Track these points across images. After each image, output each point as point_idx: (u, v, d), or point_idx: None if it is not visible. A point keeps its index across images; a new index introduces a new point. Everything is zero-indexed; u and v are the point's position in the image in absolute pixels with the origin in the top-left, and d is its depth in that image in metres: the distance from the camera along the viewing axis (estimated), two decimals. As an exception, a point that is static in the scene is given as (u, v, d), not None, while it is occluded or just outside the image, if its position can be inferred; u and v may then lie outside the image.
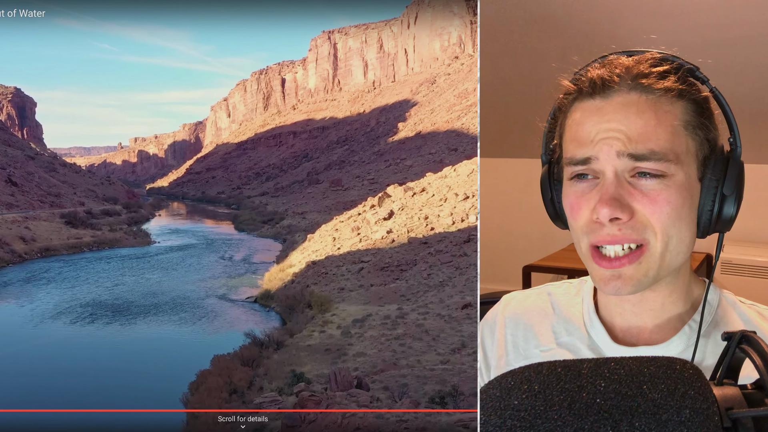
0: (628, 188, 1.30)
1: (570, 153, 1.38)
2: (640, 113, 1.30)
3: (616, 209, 1.28)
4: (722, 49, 5.33)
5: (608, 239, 1.33)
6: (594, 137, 1.32)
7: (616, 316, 1.50)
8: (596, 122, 1.33)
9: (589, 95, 1.36)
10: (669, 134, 1.30)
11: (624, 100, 1.32)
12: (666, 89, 1.31)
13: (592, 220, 1.34)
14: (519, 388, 0.89)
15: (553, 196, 1.54)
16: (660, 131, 1.29)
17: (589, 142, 1.33)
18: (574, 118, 1.39)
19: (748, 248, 6.95)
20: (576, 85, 1.41)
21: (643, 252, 1.32)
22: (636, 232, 1.31)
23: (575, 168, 1.36)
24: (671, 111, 1.31)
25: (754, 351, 0.93)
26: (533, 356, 1.59)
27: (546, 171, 1.55)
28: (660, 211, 1.29)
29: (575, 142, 1.37)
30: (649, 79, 1.31)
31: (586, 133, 1.34)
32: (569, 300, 1.64)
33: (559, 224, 1.58)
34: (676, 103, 1.32)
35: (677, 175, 1.30)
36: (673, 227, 1.31)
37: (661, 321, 1.45)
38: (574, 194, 1.38)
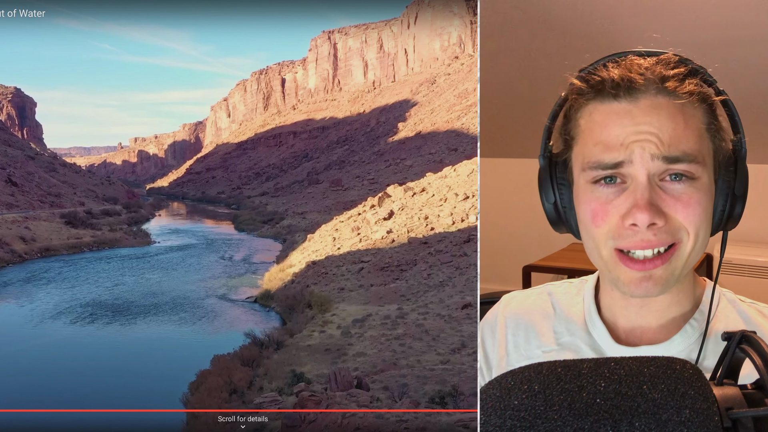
0: (660, 193, 1.30)
1: (594, 157, 1.34)
2: (671, 117, 1.30)
3: (654, 215, 1.28)
4: (722, 49, 5.33)
5: (642, 244, 1.32)
6: (624, 140, 1.30)
7: (620, 317, 1.50)
8: (625, 125, 1.31)
9: (613, 96, 1.33)
10: (696, 137, 1.32)
11: (653, 103, 1.31)
12: (690, 93, 1.32)
13: (623, 226, 1.32)
14: (519, 388, 0.89)
15: (557, 200, 1.49)
16: (689, 134, 1.31)
17: (619, 145, 1.31)
18: (595, 120, 1.35)
19: (748, 248, 6.95)
20: (589, 84, 1.37)
21: (673, 252, 1.33)
22: (670, 235, 1.31)
23: (602, 172, 1.33)
24: (696, 115, 1.33)
25: (754, 351, 0.93)
26: (535, 357, 1.58)
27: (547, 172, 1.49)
28: (693, 213, 1.31)
29: (600, 145, 1.33)
30: (674, 82, 1.32)
31: (614, 136, 1.31)
32: (570, 300, 1.63)
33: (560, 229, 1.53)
34: (698, 107, 1.34)
35: (703, 177, 1.32)
36: (702, 227, 1.33)
37: (665, 321, 1.45)
38: (598, 200, 1.35)
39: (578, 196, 1.41)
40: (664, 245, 1.31)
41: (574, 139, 1.41)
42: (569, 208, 1.48)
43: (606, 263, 1.38)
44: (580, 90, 1.39)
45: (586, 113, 1.38)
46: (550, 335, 1.60)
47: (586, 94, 1.38)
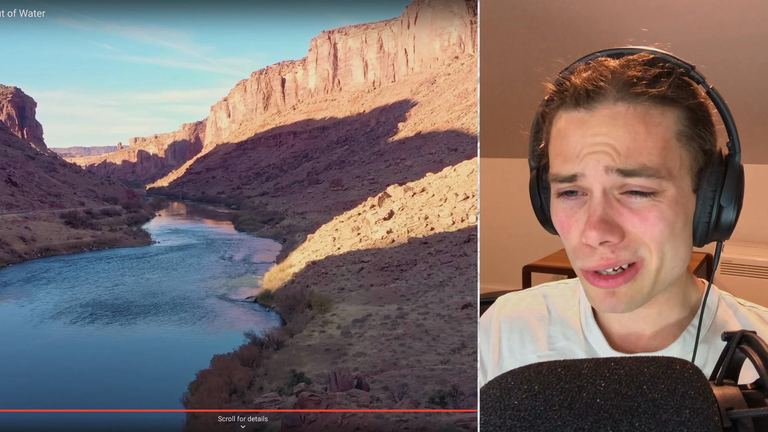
0: (618, 207, 1.21)
1: (555, 169, 1.29)
2: (628, 126, 1.19)
3: (605, 233, 1.20)
4: (722, 49, 5.33)
5: (602, 264, 1.25)
6: (579, 152, 1.23)
7: (614, 322, 1.48)
8: (581, 135, 1.23)
9: (573, 105, 1.26)
10: (660, 148, 1.20)
11: (610, 113, 1.21)
12: (657, 97, 1.20)
13: (582, 244, 1.27)
14: (519, 388, 0.89)
15: (542, 203, 1.48)
16: (650, 145, 1.19)
17: (574, 157, 1.23)
18: (558, 128, 1.30)
19: (748, 248, 6.95)
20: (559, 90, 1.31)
21: (637, 269, 1.25)
22: (629, 251, 1.23)
23: (561, 185, 1.28)
24: (662, 123, 1.21)
25: (754, 351, 0.93)
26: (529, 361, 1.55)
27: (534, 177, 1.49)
28: (652, 228, 1.21)
29: (560, 156, 1.28)
30: (639, 86, 1.20)
31: (571, 147, 1.24)
32: (565, 302, 1.61)
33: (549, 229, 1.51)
34: (668, 113, 1.21)
35: (669, 191, 1.21)
36: (667, 243, 1.24)
37: (660, 327, 1.42)
38: (563, 212, 1.30)
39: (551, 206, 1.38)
40: (624, 263, 1.24)
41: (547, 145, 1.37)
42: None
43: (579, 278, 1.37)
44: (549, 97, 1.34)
45: (555, 121, 1.32)
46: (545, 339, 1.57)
47: (554, 102, 1.33)
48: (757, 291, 6.78)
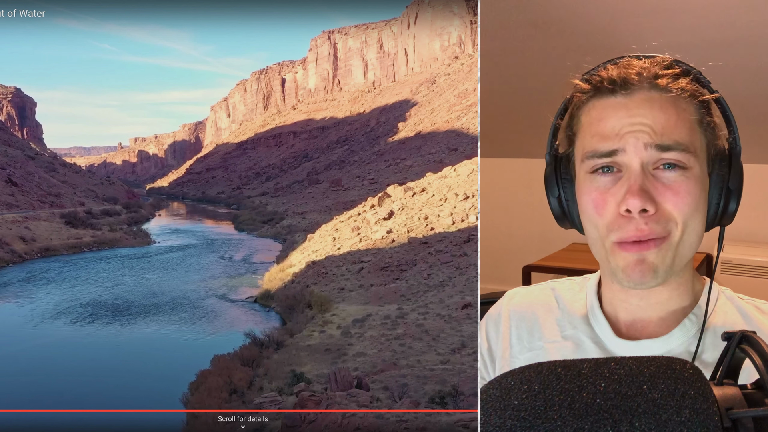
0: (653, 181, 1.36)
1: (592, 147, 1.42)
2: (663, 109, 1.38)
3: (646, 201, 1.34)
4: (722, 49, 5.33)
5: (637, 234, 1.37)
6: (620, 130, 1.38)
7: (621, 310, 1.53)
8: (621, 117, 1.39)
9: (610, 92, 1.42)
10: (688, 129, 1.38)
11: (646, 97, 1.39)
12: (681, 89, 1.39)
13: (619, 214, 1.38)
14: (519, 388, 0.89)
15: (560, 194, 1.57)
16: (681, 125, 1.38)
17: (614, 135, 1.38)
18: (593, 115, 1.44)
19: (748, 248, 6.95)
20: (591, 83, 1.46)
21: (664, 240, 1.38)
22: (660, 225, 1.36)
23: (598, 161, 1.40)
24: (687, 109, 1.40)
25: (754, 351, 0.93)
26: (537, 348, 1.63)
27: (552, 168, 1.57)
28: (682, 202, 1.36)
29: (597, 136, 1.42)
30: (666, 79, 1.40)
31: (610, 127, 1.40)
32: (573, 295, 1.67)
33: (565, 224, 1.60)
34: (690, 103, 1.40)
35: (695, 168, 1.37)
36: (691, 217, 1.38)
37: (665, 314, 1.49)
38: (597, 189, 1.42)
39: (579, 188, 1.49)
40: (656, 235, 1.36)
41: (576, 134, 1.50)
42: (572, 202, 1.55)
43: (607, 252, 1.44)
44: (581, 89, 1.48)
45: (586, 110, 1.47)
46: (553, 328, 1.64)
47: (586, 93, 1.47)
48: (757, 291, 6.76)
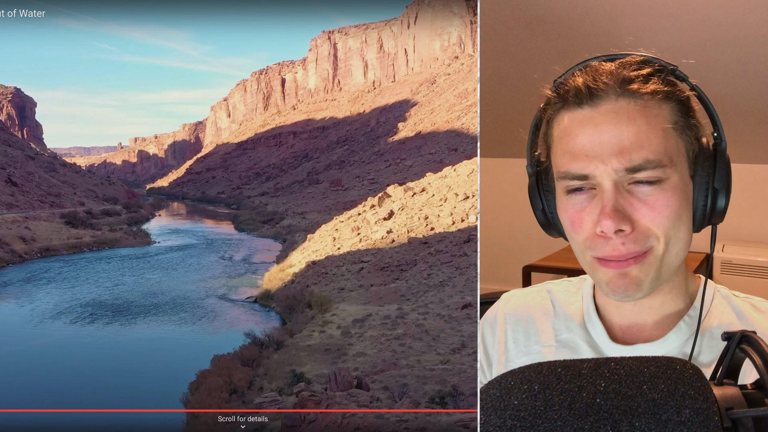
0: (628, 197, 1.30)
1: (564, 167, 1.36)
2: (631, 120, 1.29)
3: (619, 221, 1.28)
4: (722, 49, 5.33)
5: (614, 254, 1.33)
6: (589, 152, 1.31)
7: (615, 315, 1.52)
8: (588, 134, 1.32)
9: (577, 104, 1.34)
10: (661, 138, 1.30)
11: (613, 108, 1.31)
12: (653, 92, 1.31)
13: (596, 234, 1.34)
14: (519, 388, 0.89)
15: (544, 206, 1.54)
16: (652, 137, 1.29)
17: (583, 156, 1.32)
18: (563, 128, 1.38)
19: (748, 248, 6.95)
20: (559, 93, 1.39)
21: (646, 255, 1.33)
22: (639, 243, 1.31)
23: (571, 183, 1.35)
24: (660, 114, 1.31)
25: (754, 351, 0.93)
26: (533, 352, 1.62)
27: (534, 181, 1.54)
28: (660, 216, 1.30)
29: (568, 155, 1.35)
30: (635, 83, 1.31)
31: (580, 146, 1.33)
32: (569, 298, 1.66)
33: (552, 233, 1.57)
34: (663, 106, 1.32)
35: (672, 178, 1.31)
36: (672, 229, 1.32)
37: (660, 318, 1.47)
38: (573, 208, 1.37)
39: (558, 204, 1.45)
40: (634, 254, 1.32)
41: (550, 147, 1.45)
42: (555, 214, 1.51)
43: (589, 267, 1.42)
44: (548, 100, 1.42)
45: (556, 122, 1.40)
46: (549, 332, 1.62)
47: (555, 104, 1.40)
48: (756, 291, 6.77)
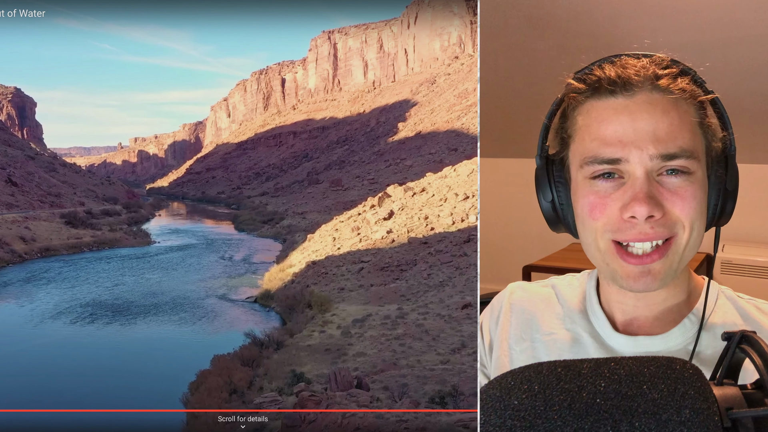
0: (657, 187, 1.32)
1: (593, 152, 1.36)
2: (666, 112, 1.33)
3: (653, 207, 1.31)
4: (722, 49, 5.33)
5: (640, 237, 1.34)
6: (623, 137, 1.33)
7: (617, 310, 1.53)
8: (623, 121, 1.34)
9: (610, 93, 1.36)
10: (690, 132, 1.35)
11: (648, 99, 1.34)
12: (682, 90, 1.35)
13: (621, 219, 1.34)
14: (519, 388, 0.89)
15: (554, 197, 1.51)
16: (683, 129, 1.34)
17: (617, 141, 1.33)
18: (593, 117, 1.38)
19: (748, 248, 6.95)
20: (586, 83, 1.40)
21: (670, 245, 1.35)
22: (667, 228, 1.34)
23: (599, 167, 1.35)
24: (689, 111, 1.36)
25: (754, 351, 0.93)
26: (536, 341, 1.64)
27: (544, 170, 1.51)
28: (689, 206, 1.33)
29: (598, 140, 1.36)
30: (667, 80, 1.35)
31: (612, 131, 1.34)
32: (572, 291, 1.68)
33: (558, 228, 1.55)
34: (690, 104, 1.36)
35: (698, 172, 1.35)
36: (697, 220, 1.36)
37: (660, 312, 1.48)
38: (597, 194, 1.37)
39: (576, 192, 1.44)
40: (662, 238, 1.34)
41: (572, 137, 1.44)
42: (567, 206, 1.50)
43: (604, 256, 1.40)
44: (577, 89, 1.41)
45: (583, 111, 1.40)
46: (551, 322, 1.64)
47: (583, 93, 1.40)
48: (757, 291, 6.77)
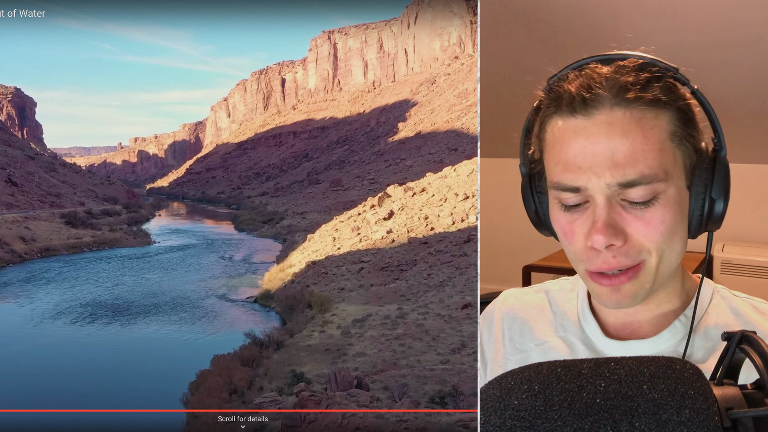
0: (620, 212, 1.26)
1: (556, 177, 1.32)
2: (626, 133, 1.22)
3: (610, 237, 1.25)
4: (722, 48, 5.33)
5: (604, 266, 1.30)
6: (581, 164, 1.26)
7: (610, 315, 1.52)
8: (581, 144, 1.26)
9: (570, 113, 1.28)
10: (657, 151, 1.24)
11: (608, 119, 1.24)
12: (651, 101, 1.24)
13: (587, 246, 1.31)
14: (519, 388, 0.90)
15: (536, 208, 1.51)
16: (647, 150, 1.23)
17: (576, 168, 1.27)
18: (555, 135, 1.32)
19: (748, 248, 6.94)
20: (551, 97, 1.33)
21: (639, 269, 1.30)
22: (630, 257, 1.28)
23: (563, 194, 1.31)
24: (657, 125, 1.25)
25: (754, 351, 0.93)
26: (528, 350, 1.62)
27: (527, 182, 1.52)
28: (654, 231, 1.26)
29: (560, 165, 1.30)
30: (632, 91, 1.23)
31: (572, 156, 1.27)
32: (565, 296, 1.67)
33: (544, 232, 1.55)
34: (661, 115, 1.25)
35: (668, 191, 1.26)
36: (665, 243, 1.29)
37: (655, 317, 1.47)
38: (564, 219, 1.34)
39: (551, 213, 1.42)
40: (625, 266, 1.29)
41: (543, 152, 1.40)
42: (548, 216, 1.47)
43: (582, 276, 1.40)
44: (541, 103, 1.37)
45: (550, 127, 1.34)
46: (544, 329, 1.63)
47: (547, 108, 1.35)
48: (756, 291, 6.77)
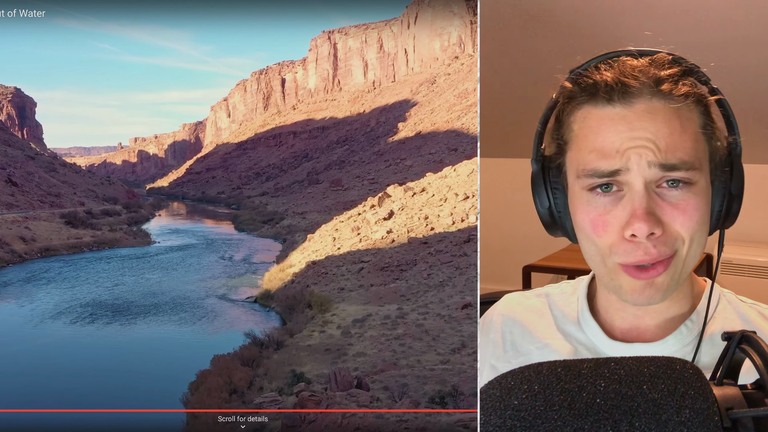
0: (657, 200, 1.27)
1: (591, 165, 1.30)
2: (667, 121, 1.26)
3: (653, 225, 1.25)
4: (722, 49, 5.33)
5: (645, 258, 1.29)
6: (620, 147, 1.26)
7: (617, 318, 1.50)
8: (621, 131, 1.26)
9: (606, 101, 1.28)
10: (692, 141, 1.28)
11: (648, 108, 1.26)
12: (685, 95, 1.27)
13: (623, 238, 1.29)
14: (519, 388, 0.89)
15: (551, 204, 1.46)
16: (685, 139, 1.27)
17: (615, 152, 1.26)
18: (589, 126, 1.31)
19: (748, 248, 6.95)
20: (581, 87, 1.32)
21: (671, 260, 1.31)
22: (668, 246, 1.29)
23: (598, 180, 1.29)
24: (691, 118, 1.29)
25: (754, 351, 0.93)
26: (528, 353, 1.61)
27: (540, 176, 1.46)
28: (690, 220, 1.28)
29: (595, 152, 1.29)
30: (669, 84, 1.27)
31: (610, 143, 1.27)
32: (566, 299, 1.65)
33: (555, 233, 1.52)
34: (693, 109, 1.29)
35: (700, 182, 1.29)
36: (697, 233, 1.30)
37: (662, 322, 1.45)
38: (596, 210, 1.31)
39: (574, 203, 1.39)
40: (664, 257, 1.29)
41: (568, 143, 1.37)
42: (564, 213, 1.45)
43: (609, 272, 1.36)
44: (571, 93, 1.35)
45: (579, 117, 1.33)
46: (545, 333, 1.62)
47: (578, 98, 1.33)
48: (757, 291, 6.78)
